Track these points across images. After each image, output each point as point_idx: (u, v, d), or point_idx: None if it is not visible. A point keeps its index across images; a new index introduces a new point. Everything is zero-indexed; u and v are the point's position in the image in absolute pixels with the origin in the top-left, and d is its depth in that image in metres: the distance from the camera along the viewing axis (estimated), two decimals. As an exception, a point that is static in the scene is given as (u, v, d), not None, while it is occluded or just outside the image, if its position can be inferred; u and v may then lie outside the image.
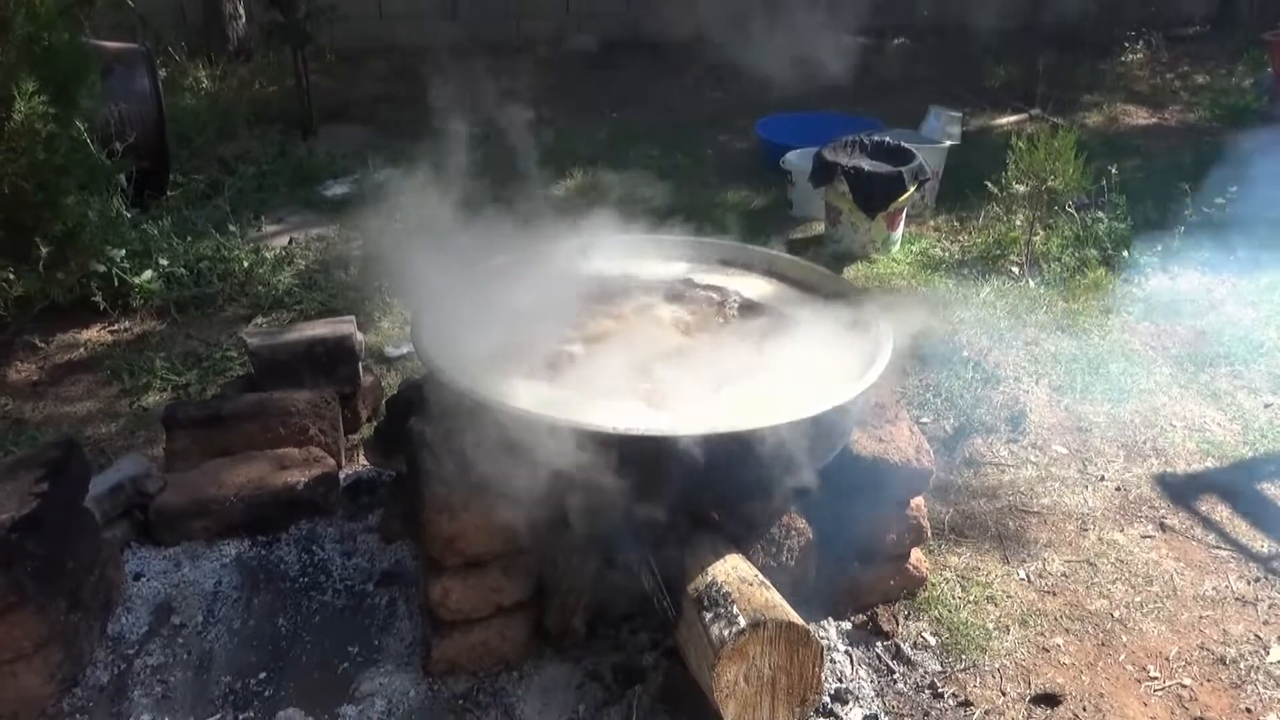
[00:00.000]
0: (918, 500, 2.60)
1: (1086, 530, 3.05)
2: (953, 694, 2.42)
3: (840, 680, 2.41)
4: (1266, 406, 3.73)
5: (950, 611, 2.68)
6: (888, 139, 5.20)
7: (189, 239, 4.70)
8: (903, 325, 2.53)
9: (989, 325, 4.26)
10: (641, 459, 2.05)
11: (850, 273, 4.85)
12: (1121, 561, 2.91)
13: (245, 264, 4.63)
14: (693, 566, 2.17)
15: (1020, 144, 4.81)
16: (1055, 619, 2.69)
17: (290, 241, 5.05)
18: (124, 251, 4.25)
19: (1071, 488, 3.25)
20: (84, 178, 3.98)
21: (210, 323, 4.26)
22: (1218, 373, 3.96)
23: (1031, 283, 4.68)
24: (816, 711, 2.26)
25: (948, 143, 5.73)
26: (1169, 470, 3.36)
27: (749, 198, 5.87)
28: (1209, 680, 2.50)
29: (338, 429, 3.16)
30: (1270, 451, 3.46)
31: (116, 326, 4.21)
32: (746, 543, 2.32)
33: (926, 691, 2.42)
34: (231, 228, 4.89)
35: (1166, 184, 5.33)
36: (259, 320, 4.28)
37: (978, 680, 2.47)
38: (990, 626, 2.64)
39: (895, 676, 2.45)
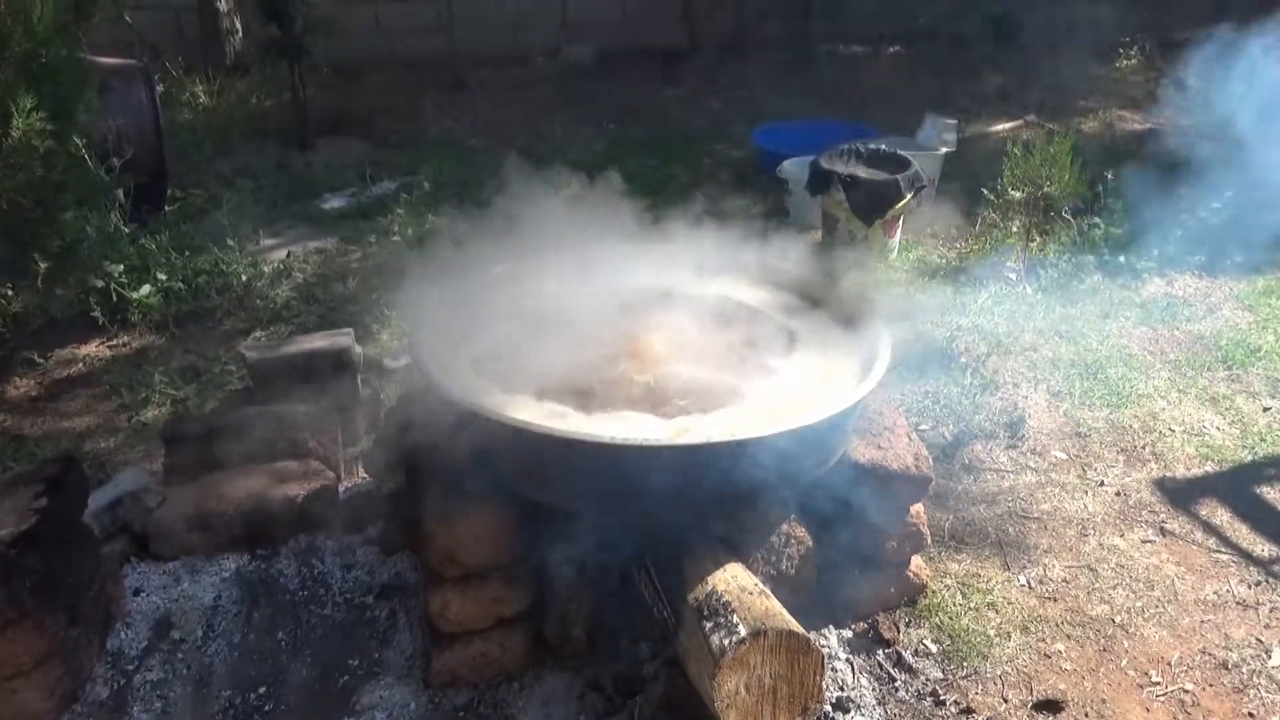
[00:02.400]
0: (917, 507, 2.60)
1: (1086, 535, 3.05)
2: (954, 701, 2.41)
3: (842, 688, 2.40)
4: (1265, 410, 3.73)
5: (951, 618, 2.67)
6: (884, 146, 5.21)
7: (187, 253, 4.70)
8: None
9: (987, 332, 4.27)
10: (640, 469, 2.05)
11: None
12: (1122, 567, 2.91)
13: (244, 278, 4.63)
14: (693, 576, 2.17)
15: (1016, 150, 4.82)
16: (1056, 625, 2.69)
17: (288, 255, 5.05)
18: (122, 267, 4.27)
19: (1071, 493, 3.25)
20: (82, 193, 3.98)
21: (209, 337, 4.27)
22: (1216, 377, 3.96)
23: (1029, 288, 4.69)
24: (818, 720, 2.25)
25: (944, 150, 5.74)
26: (1168, 475, 3.36)
27: (746, 206, 5.88)
28: (1211, 685, 2.50)
29: (336, 442, 3.16)
30: (1269, 455, 3.46)
31: (115, 341, 4.21)
32: (746, 551, 2.32)
33: (928, 699, 2.42)
34: (230, 242, 4.89)
35: (1162, 189, 5.34)
36: (258, 334, 4.28)
37: (979, 687, 2.47)
38: (991, 633, 2.64)
39: (897, 684, 2.45)
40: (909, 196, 4.94)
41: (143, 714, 2.30)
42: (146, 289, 4.30)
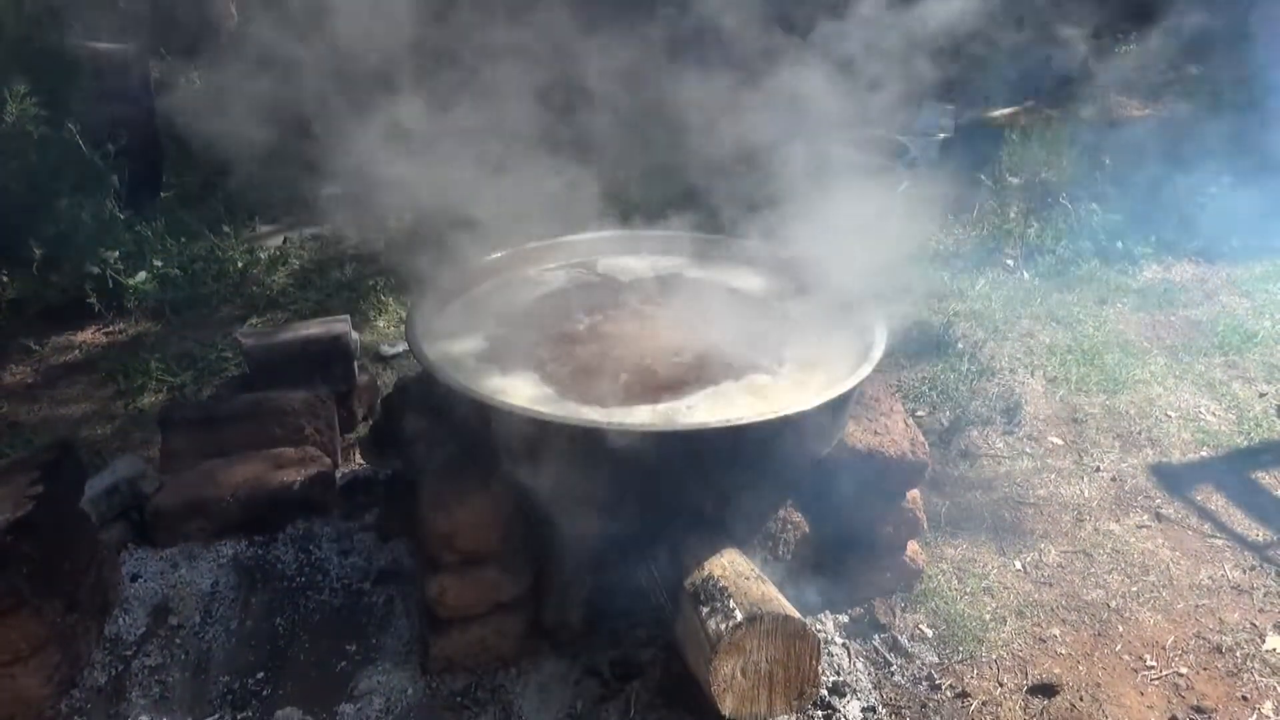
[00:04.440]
0: (913, 493, 2.61)
1: (1082, 521, 3.05)
2: (950, 685, 2.42)
3: (838, 673, 2.41)
4: (1261, 396, 3.74)
5: (947, 603, 2.68)
6: (881, 131, 5.20)
7: (183, 240, 4.69)
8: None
9: (984, 317, 4.27)
10: (636, 454, 2.05)
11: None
12: (1117, 551, 2.92)
13: (240, 264, 4.63)
14: (690, 561, 2.17)
15: (1014, 136, 4.82)
16: (1052, 609, 2.69)
17: (285, 241, 5.04)
18: (118, 253, 4.25)
19: (1067, 478, 3.26)
20: (77, 180, 3.98)
21: (205, 323, 4.26)
22: (1212, 363, 3.97)
23: (1026, 274, 4.69)
24: (814, 704, 2.26)
25: (941, 135, 5.73)
26: (1164, 460, 3.36)
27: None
28: (1205, 669, 2.51)
29: (333, 428, 3.15)
30: (1265, 440, 3.47)
31: (111, 328, 4.21)
32: (743, 537, 2.32)
33: (924, 683, 2.43)
34: (225, 228, 4.89)
35: (1160, 175, 5.35)
36: (254, 320, 4.27)
37: (975, 671, 2.48)
38: (987, 618, 2.65)
39: (893, 668, 2.46)
40: (906, 182, 4.93)
41: (141, 699, 2.30)
42: (142, 275, 4.29)
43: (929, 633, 2.58)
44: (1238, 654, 2.55)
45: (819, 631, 2.49)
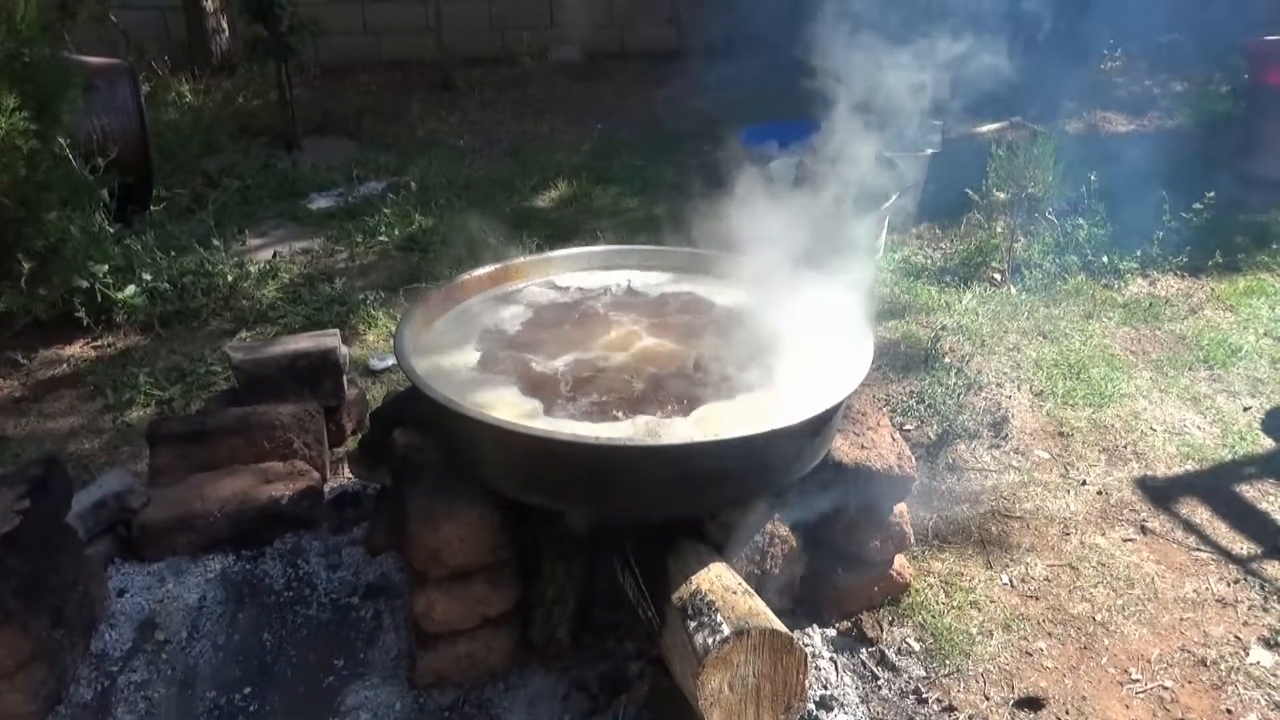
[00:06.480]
0: (900, 506, 2.62)
1: (1068, 534, 3.07)
2: (937, 699, 2.43)
3: (825, 687, 2.42)
4: (1245, 409, 3.77)
5: (934, 617, 2.69)
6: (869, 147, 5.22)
7: (172, 254, 4.69)
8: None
9: (971, 332, 4.29)
10: (624, 469, 2.06)
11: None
12: (1103, 565, 2.94)
13: (229, 278, 4.62)
14: (677, 575, 2.18)
15: (1000, 151, 4.85)
16: (1038, 623, 2.71)
17: (274, 255, 5.04)
18: (107, 267, 4.24)
19: (1053, 492, 3.28)
20: (66, 193, 3.98)
21: (194, 337, 4.26)
22: (1197, 377, 4.00)
23: (1013, 289, 4.72)
24: (801, 718, 2.26)
25: (929, 151, 5.76)
26: (1150, 474, 3.38)
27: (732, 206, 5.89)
28: (1190, 682, 2.52)
29: (322, 442, 3.15)
30: (1249, 454, 3.49)
31: (100, 342, 4.20)
32: (730, 551, 2.33)
33: (911, 697, 2.43)
34: (215, 242, 4.88)
35: (1145, 190, 5.39)
36: (243, 334, 4.27)
37: (961, 685, 2.49)
38: (974, 631, 2.66)
39: (880, 682, 2.47)
40: (894, 197, 4.97)
41: (126, 715, 2.30)
42: (131, 289, 4.29)
43: (916, 646, 2.59)
44: (1222, 667, 2.56)
45: (806, 645, 2.50)
